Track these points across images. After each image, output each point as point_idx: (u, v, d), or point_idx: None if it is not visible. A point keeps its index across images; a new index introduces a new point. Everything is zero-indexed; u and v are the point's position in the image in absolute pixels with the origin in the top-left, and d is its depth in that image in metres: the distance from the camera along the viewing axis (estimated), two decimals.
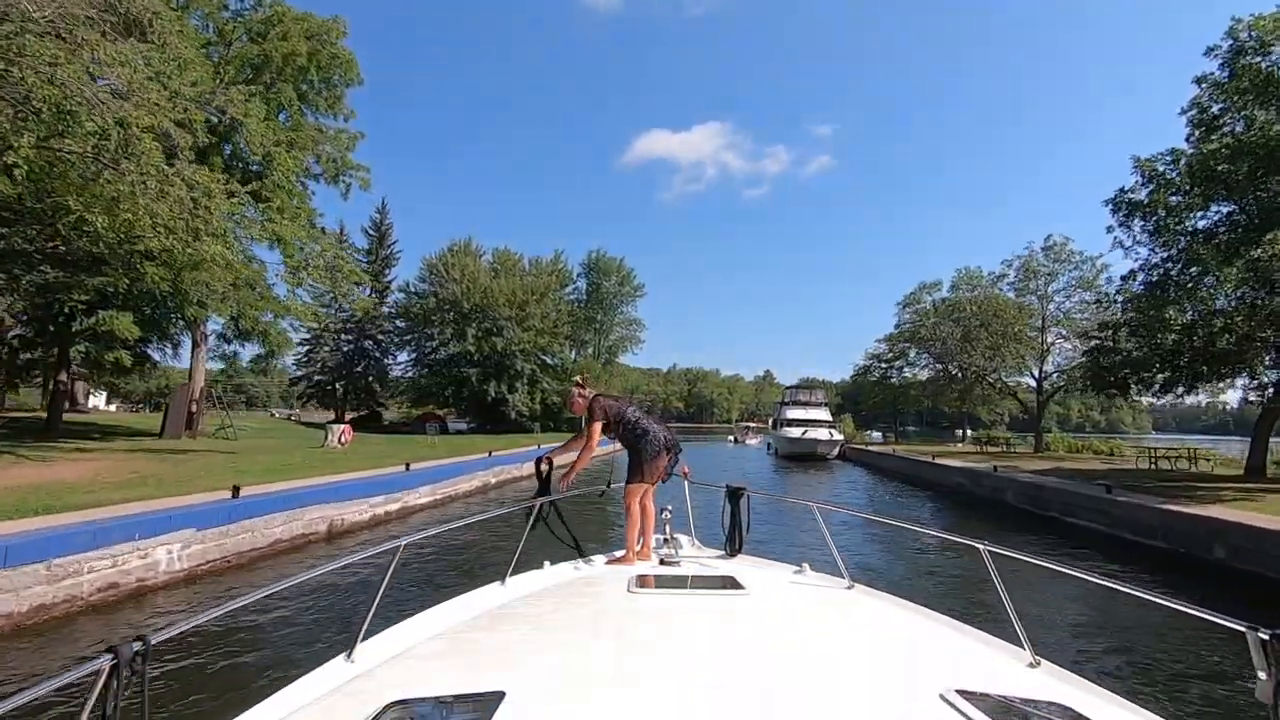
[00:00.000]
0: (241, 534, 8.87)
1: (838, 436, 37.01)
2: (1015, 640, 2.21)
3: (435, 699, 1.59)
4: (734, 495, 3.93)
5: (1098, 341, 17.82)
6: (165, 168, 11.71)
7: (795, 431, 36.65)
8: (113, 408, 44.27)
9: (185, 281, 16.52)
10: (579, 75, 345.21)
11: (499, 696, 1.49)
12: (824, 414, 40.22)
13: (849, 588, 3.03)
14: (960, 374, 30.57)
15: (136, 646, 1.37)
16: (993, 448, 36.56)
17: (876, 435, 46.94)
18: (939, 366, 40.88)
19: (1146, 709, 1.76)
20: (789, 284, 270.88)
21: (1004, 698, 1.60)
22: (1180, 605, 1.82)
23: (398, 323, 48.21)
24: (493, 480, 19.02)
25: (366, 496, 12.09)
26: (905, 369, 44.12)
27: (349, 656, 2.12)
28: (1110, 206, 17.92)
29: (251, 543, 9.05)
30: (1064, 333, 27.01)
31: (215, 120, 15.00)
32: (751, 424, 63.17)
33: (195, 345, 22.60)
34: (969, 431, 41.01)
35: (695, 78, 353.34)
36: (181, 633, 1.64)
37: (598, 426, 3.97)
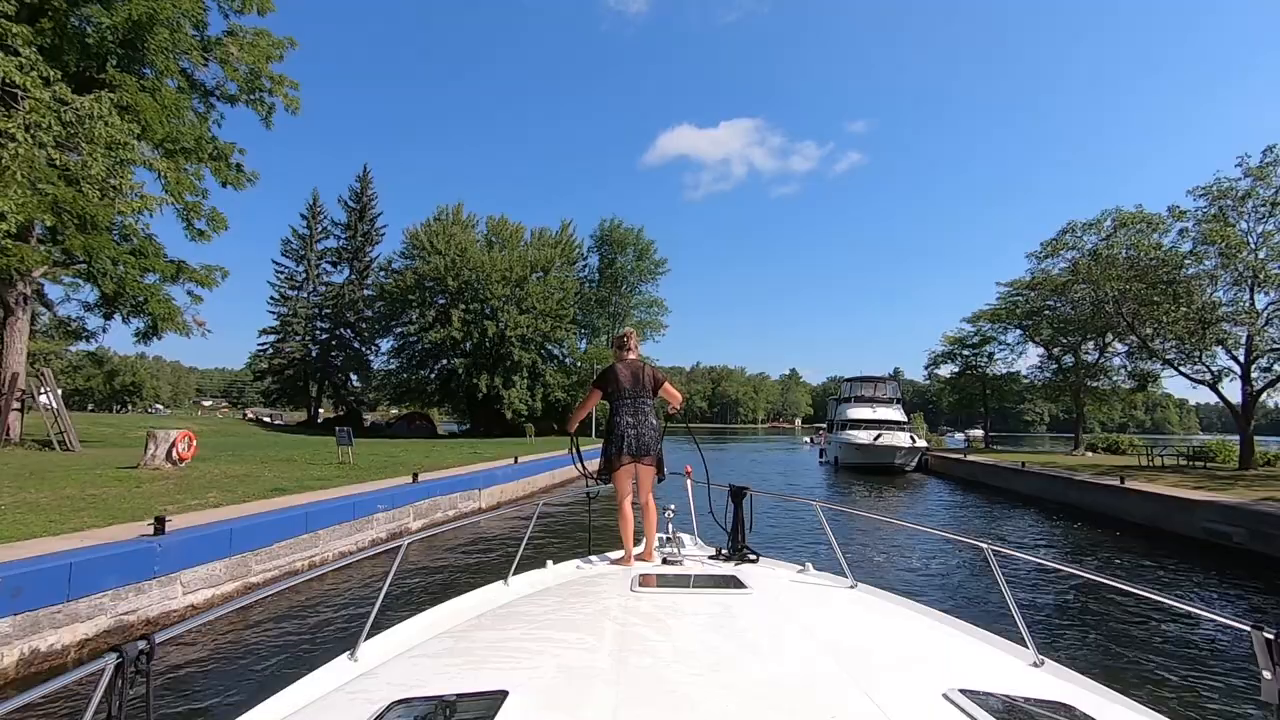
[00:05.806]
0: None
1: (920, 443, 28.50)
2: (1019, 640, 2.15)
3: (439, 698, 1.57)
4: (737, 494, 3.85)
5: None
6: None
7: (863, 436, 28.22)
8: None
9: None
10: (603, 74, 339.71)
11: (502, 695, 1.47)
12: (897, 413, 31.49)
13: (852, 587, 2.95)
14: (1148, 351, 21.10)
15: (141, 645, 1.34)
16: (1117, 455, 28.19)
17: (959, 438, 38.03)
18: (1042, 353, 32.45)
19: (1150, 709, 1.70)
20: (816, 284, 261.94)
21: (1007, 697, 1.57)
22: (1185, 604, 1.83)
23: (379, 306, 41.08)
24: (413, 524, 11.21)
25: None
26: (997, 355, 35.59)
27: (352, 655, 2.11)
28: None
29: None
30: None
31: None
32: None
33: (8, 313, 15.46)
34: (1083, 435, 32.07)
35: (723, 77, 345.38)
36: (186, 631, 1.66)
37: (595, 394, 3.84)
